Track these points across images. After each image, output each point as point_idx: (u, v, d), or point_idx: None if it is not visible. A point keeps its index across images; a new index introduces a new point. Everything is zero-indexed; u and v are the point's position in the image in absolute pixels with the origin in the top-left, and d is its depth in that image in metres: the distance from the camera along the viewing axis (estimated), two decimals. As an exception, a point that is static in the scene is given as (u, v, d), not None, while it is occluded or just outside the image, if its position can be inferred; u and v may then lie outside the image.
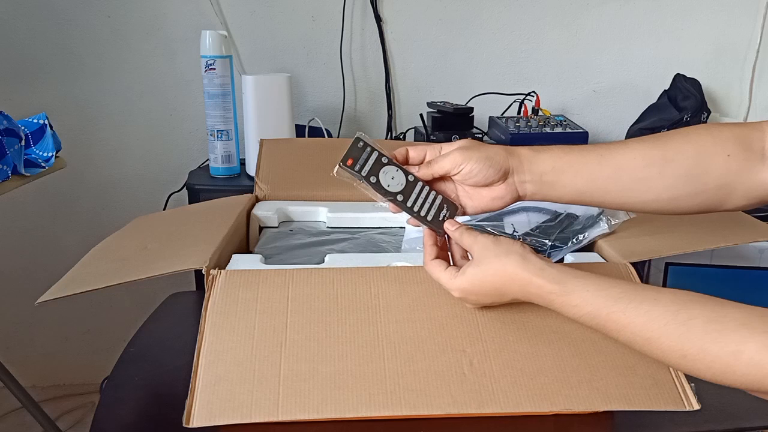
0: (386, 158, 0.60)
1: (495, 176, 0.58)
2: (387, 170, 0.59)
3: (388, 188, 0.59)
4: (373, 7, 1.45)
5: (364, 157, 0.59)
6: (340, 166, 0.59)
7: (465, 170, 0.58)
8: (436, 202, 0.60)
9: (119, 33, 1.44)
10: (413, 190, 0.59)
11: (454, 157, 0.59)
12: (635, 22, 1.51)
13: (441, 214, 0.60)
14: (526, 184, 0.59)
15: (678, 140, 0.58)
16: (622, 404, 0.50)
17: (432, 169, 0.60)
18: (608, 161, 0.58)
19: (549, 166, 0.59)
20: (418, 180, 0.60)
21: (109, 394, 0.59)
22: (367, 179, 0.59)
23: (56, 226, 1.52)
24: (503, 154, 0.59)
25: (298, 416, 0.48)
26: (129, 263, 0.65)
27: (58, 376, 1.62)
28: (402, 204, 0.59)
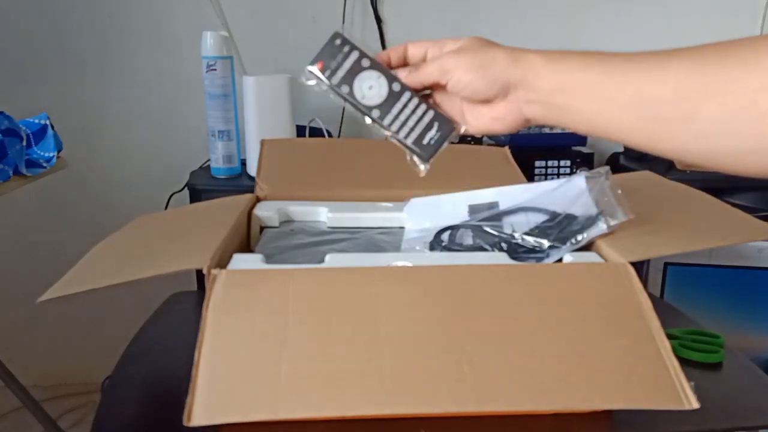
0: (368, 60, 0.48)
1: (489, 91, 0.47)
2: (365, 76, 0.48)
3: (363, 100, 0.48)
4: (374, 8, 1.46)
5: (339, 59, 0.48)
6: (308, 68, 0.48)
7: (453, 80, 0.47)
8: (424, 119, 0.48)
9: (120, 33, 1.44)
10: (395, 103, 0.48)
11: (443, 61, 0.47)
12: (635, 22, 1.51)
13: (428, 136, 0.48)
14: (533, 105, 0.47)
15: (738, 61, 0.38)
16: (622, 403, 0.50)
17: (419, 76, 0.48)
18: (631, 83, 0.43)
19: (558, 83, 0.45)
20: (406, 90, 0.48)
21: (110, 393, 0.59)
22: (337, 87, 0.48)
23: (57, 226, 1.53)
24: (504, 61, 0.46)
25: (298, 414, 0.48)
26: (130, 263, 0.65)
27: (59, 375, 1.62)
28: (378, 121, 0.48)
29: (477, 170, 0.96)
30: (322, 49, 0.48)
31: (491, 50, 0.47)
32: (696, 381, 0.51)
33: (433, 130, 0.49)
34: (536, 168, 1.29)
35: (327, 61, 0.48)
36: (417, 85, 0.49)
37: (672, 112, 0.40)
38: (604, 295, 0.58)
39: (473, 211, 0.78)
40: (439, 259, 0.68)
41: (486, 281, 0.58)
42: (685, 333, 0.67)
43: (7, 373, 1.20)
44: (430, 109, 0.48)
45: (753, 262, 1.11)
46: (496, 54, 0.47)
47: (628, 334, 0.54)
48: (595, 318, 0.56)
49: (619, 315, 0.56)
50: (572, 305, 0.57)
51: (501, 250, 0.69)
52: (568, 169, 1.31)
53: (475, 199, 0.79)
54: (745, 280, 1.20)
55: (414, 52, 0.50)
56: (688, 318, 0.75)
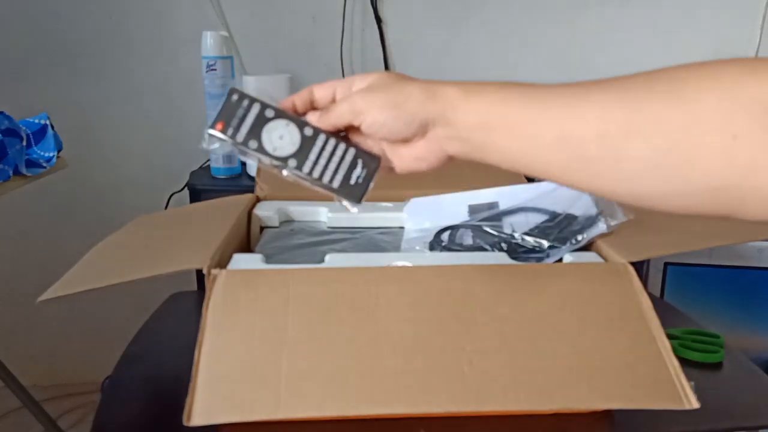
0: (272, 110, 0.45)
1: (407, 130, 0.43)
2: (273, 126, 0.44)
3: (275, 152, 0.44)
4: (374, 8, 1.46)
5: (240, 114, 0.44)
6: (208, 132, 0.44)
7: (367, 121, 0.44)
8: (346, 159, 0.45)
9: (121, 34, 1.44)
10: (312, 147, 0.44)
11: (354, 102, 0.44)
12: (635, 22, 1.51)
13: (353, 175, 0.45)
14: (453, 141, 0.44)
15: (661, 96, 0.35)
16: (622, 402, 0.50)
17: (330, 119, 0.45)
18: (553, 121, 0.39)
19: (477, 118, 0.42)
20: (320, 132, 0.45)
21: (110, 394, 0.59)
22: (244, 144, 0.44)
23: (57, 226, 1.53)
24: (420, 97, 0.43)
25: (298, 414, 0.48)
26: (130, 262, 0.65)
27: (58, 375, 1.62)
28: (296, 171, 0.44)
29: (477, 170, 0.96)
30: (219, 109, 0.44)
31: (404, 86, 0.44)
32: (696, 381, 0.51)
33: (358, 167, 0.45)
34: (536, 168, 1.29)
35: (228, 120, 0.44)
36: (330, 129, 0.46)
37: (596, 151, 0.38)
38: (604, 295, 0.58)
39: (473, 211, 0.78)
40: (439, 259, 0.68)
41: (486, 281, 0.58)
42: (685, 333, 0.67)
43: (7, 373, 1.20)
44: (350, 147, 0.45)
45: (753, 262, 1.11)
46: (410, 89, 0.44)
47: (628, 334, 0.54)
48: (595, 318, 0.56)
49: (619, 315, 0.56)
50: (572, 305, 0.57)
51: (501, 250, 0.69)
52: (568, 169, 1.31)
53: (475, 199, 0.79)
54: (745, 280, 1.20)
55: (321, 95, 0.47)
56: (688, 318, 0.75)
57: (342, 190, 0.46)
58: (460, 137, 0.43)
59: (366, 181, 0.46)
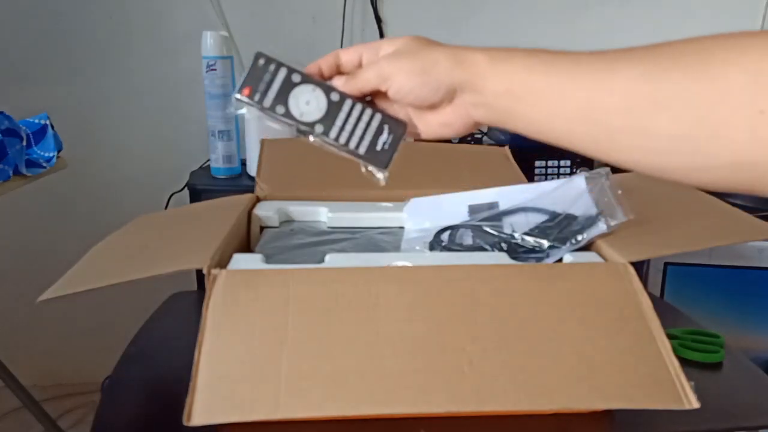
0: (299, 75, 0.45)
1: (434, 97, 0.44)
2: (299, 92, 0.44)
3: (302, 117, 0.44)
4: (374, 8, 1.46)
5: (267, 79, 0.45)
6: (235, 97, 0.44)
7: (394, 87, 0.44)
8: (372, 125, 0.45)
9: (120, 33, 1.44)
10: (338, 113, 0.44)
11: (381, 67, 0.44)
12: (635, 22, 1.51)
13: (380, 141, 0.45)
14: (479, 108, 0.44)
15: (688, 69, 0.35)
16: (622, 402, 0.50)
17: (357, 83, 0.45)
18: (578, 90, 0.40)
19: (503, 85, 0.42)
20: (346, 98, 0.45)
21: (110, 393, 0.59)
22: (272, 110, 0.44)
23: (57, 226, 1.53)
24: (447, 63, 0.43)
25: (298, 414, 0.48)
26: (130, 262, 0.65)
27: (59, 375, 1.62)
28: (323, 137, 0.44)
29: (477, 170, 0.96)
30: (246, 74, 0.45)
31: (432, 52, 0.44)
32: (696, 381, 0.51)
33: (384, 133, 0.45)
34: (536, 168, 1.29)
35: (254, 85, 0.44)
36: (356, 94, 0.45)
37: (622, 123, 0.38)
38: (604, 295, 0.58)
39: (473, 211, 0.78)
40: (439, 259, 0.68)
41: (486, 281, 0.58)
42: (685, 333, 0.67)
43: (7, 373, 1.20)
44: (376, 112, 0.45)
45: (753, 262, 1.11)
46: (438, 56, 0.43)
47: (628, 334, 0.54)
48: (595, 318, 0.56)
49: (619, 315, 0.56)
50: (572, 305, 0.57)
51: (501, 250, 0.69)
52: (569, 169, 1.31)
53: (475, 199, 0.79)
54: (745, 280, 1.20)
55: (347, 59, 0.47)
56: (688, 318, 0.75)
57: (368, 156, 0.45)
58: (486, 104, 0.43)
59: (392, 147, 0.45)
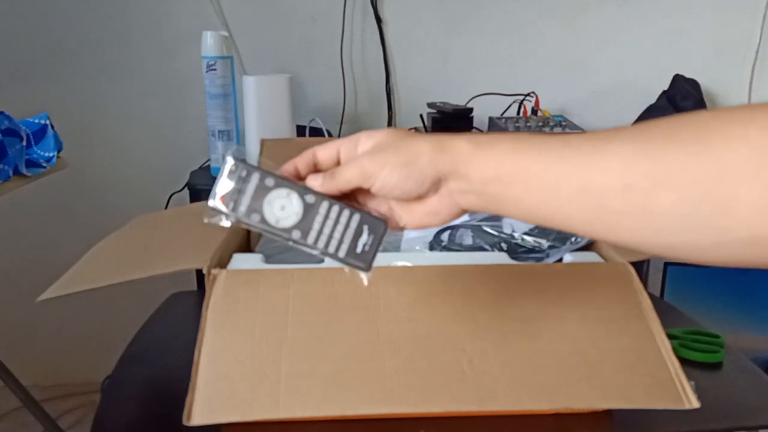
0: (272, 179, 0.43)
1: (420, 189, 0.42)
2: (273, 197, 0.42)
3: (278, 224, 0.42)
4: (374, 8, 1.46)
5: (240, 186, 0.43)
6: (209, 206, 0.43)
7: (378, 184, 0.43)
8: (351, 226, 0.43)
9: (120, 33, 1.44)
10: (315, 216, 0.42)
11: (363, 165, 0.43)
12: (634, 22, 1.51)
13: (360, 243, 0.43)
14: (467, 195, 0.42)
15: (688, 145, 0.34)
16: (622, 402, 0.50)
17: (337, 183, 0.43)
18: (572, 172, 0.38)
19: (491, 171, 0.41)
20: (322, 200, 0.43)
21: (110, 393, 0.59)
22: (246, 218, 0.42)
23: (57, 225, 1.53)
24: (430, 154, 0.42)
25: (298, 414, 0.48)
26: (130, 262, 0.65)
27: (59, 375, 1.62)
28: (301, 242, 0.42)
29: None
30: (218, 181, 0.43)
31: (413, 143, 0.43)
32: (696, 381, 0.51)
33: (364, 234, 0.43)
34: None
35: (227, 192, 0.42)
36: (335, 193, 0.44)
37: (621, 203, 0.36)
38: (604, 295, 0.58)
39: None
40: (439, 259, 0.68)
41: (486, 281, 0.58)
42: (685, 333, 0.67)
43: (7, 373, 1.20)
44: (354, 213, 0.43)
45: (753, 262, 1.11)
46: (420, 147, 0.42)
47: (628, 334, 0.54)
48: (595, 318, 0.55)
49: (619, 315, 0.56)
50: (572, 305, 0.57)
51: (501, 250, 0.69)
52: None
53: (475, 198, 0.79)
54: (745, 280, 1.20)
55: (324, 157, 0.45)
56: (688, 318, 0.75)
57: (349, 259, 0.43)
58: (474, 191, 0.42)
59: (373, 248, 0.44)
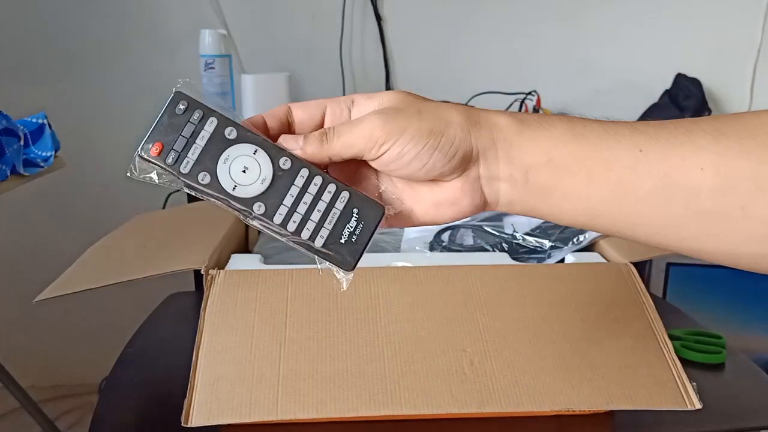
0: (235, 130, 0.32)
1: (444, 166, 0.32)
2: (234, 153, 0.31)
3: (234, 191, 0.32)
4: (373, 6, 1.45)
5: (187, 133, 0.31)
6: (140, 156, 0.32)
7: (390, 154, 0.32)
8: (336, 206, 0.32)
9: (118, 32, 1.44)
10: (288, 188, 0.32)
11: (372, 126, 0.32)
12: (636, 21, 1.51)
13: (346, 230, 0.32)
14: (498, 184, 0.33)
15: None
16: (624, 403, 0.50)
17: (330, 148, 0.32)
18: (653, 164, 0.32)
19: (541, 155, 0.33)
20: (302, 166, 0.32)
21: (108, 395, 0.59)
22: (191, 178, 0.31)
23: (55, 225, 1.52)
24: (462, 124, 0.33)
25: (297, 416, 0.48)
26: (127, 262, 0.65)
27: (57, 376, 1.62)
28: (263, 220, 0.32)
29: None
30: (156, 123, 0.32)
31: (439, 108, 0.33)
32: (698, 382, 0.51)
33: (353, 219, 0.32)
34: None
35: (168, 139, 0.31)
36: (322, 160, 0.33)
37: (715, 205, 0.31)
38: (606, 295, 0.58)
39: (473, 210, 0.77)
40: (439, 260, 0.68)
41: (487, 282, 0.58)
42: (687, 334, 0.66)
43: (5, 374, 1.20)
44: (342, 188, 0.32)
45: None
46: (449, 114, 0.33)
47: (630, 334, 0.54)
48: (597, 319, 0.55)
49: (622, 315, 0.56)
50: (574, 306, 0.56)
51: (502, 251, 0.69)
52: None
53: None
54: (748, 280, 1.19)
55: (303, 117, 0.34)
56: (690, 319, 0.74)
57: (327, 250, 0.32)
58: (510, 178, 0.33)
59: (362, 240, 0.32)
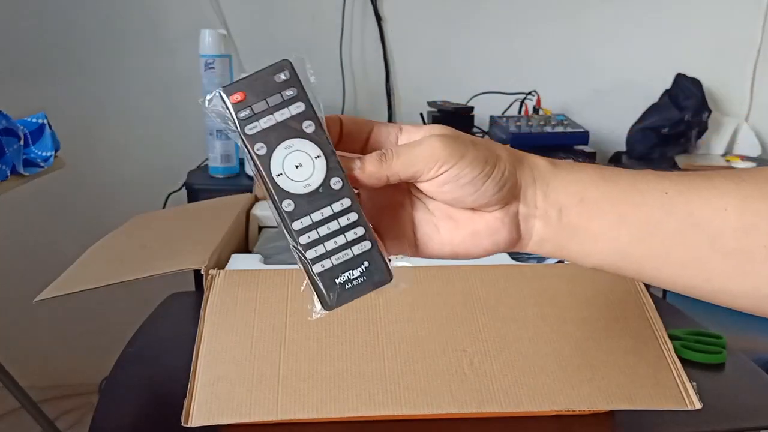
0: (313, 124, 0.32)
1: (493, 194, 0.34)
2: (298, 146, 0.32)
3: (278, 179, 0.32)
4: (374, 6, 1.45)
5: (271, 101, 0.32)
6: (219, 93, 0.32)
7: (447, 175, 0.34)
8: (353, 249, 0.33)
9: (118, 32, 1.44)
10: (324, 206, 0.32)
11: (433, 147, 0.33)
12: (636, 21, 1.51)
13: (346, 274, 0.33)
14: (534, 220, 0.35)
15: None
16: (624, 403, 0.50)
17: (390, 168, 0.34)
18: (678, 205, 0.33)
19: (574, 195, 0.34)
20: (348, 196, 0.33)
21: (108, 395, 0.59)
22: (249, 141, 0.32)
23: (55, 225, 1.52)
24: (509, 159, 0.35)
25: (297, 416, 0.48)
26: (127, 262, 0.65)
27: (56, 376, 1.62)
28: (285, 218, 0.33)
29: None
30: (250, 76, 0.32)
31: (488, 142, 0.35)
32: (698, 382, 0.50)
33: (359, 269, 0.33)
34: (537, 167, 1.29)
35: (252, 95, 0.32)
36: (379, 182, 0.34)
37: (738, 243, 0.32)
38: (606, 295, 0.57)
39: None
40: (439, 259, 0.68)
41: (487, 281, 0.58)
42: (687, 334, 0.66)
43: (5, 374, 1.20)
44: (367, 239, 0.33)
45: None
46: (497, 148, 0.35)
47: (630, 334, 0.54)
48: (597, 319, 0.55)
49: (622, 316, 0.56)
50: (574, 306, 0.56)
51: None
52: (569, 168, 1.30)
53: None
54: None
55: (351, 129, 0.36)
56: (691, 319, 0.74)
57: (319, 281, 0.32)
58: (544, 216, 0.35)
59: (355, 292, 0.33)
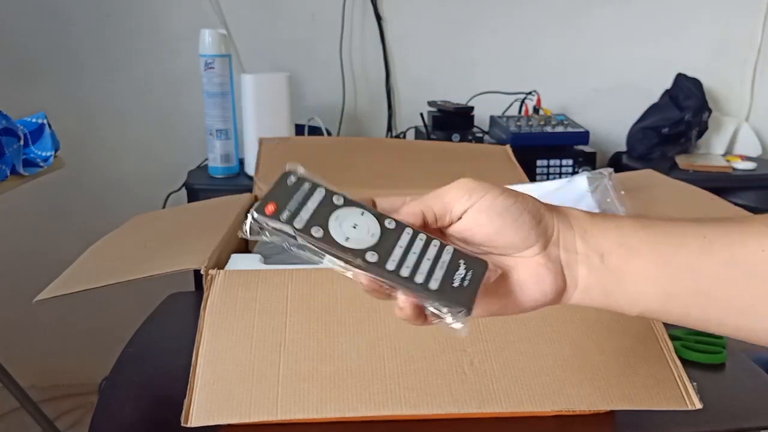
0: (341, 197, 0.37)
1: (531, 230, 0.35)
2: (344, 214, 0.36)
3: (347, 243, 0.35)
4: (374, 6, 1.45)
5: (298, 198, 0.36)
6: (253, 217, 0.35)
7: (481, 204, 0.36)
8: (443, 258, 0.35)
9: (118, 32, 1.44)
10: (397, 241, 0.35)
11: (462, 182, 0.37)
12: (637, 21, 1.51)
13: (457, 276, 0.35)
14: (577, 266, 0.36)
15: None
16: (624, 403, 0.50)
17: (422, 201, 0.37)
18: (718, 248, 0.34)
19: (613, 240, 0.35)
20: (405, 226, 0.36)
21: (108, 395, 0.59)
22: (305, 232, 0.35)
23: (55, 225, 1.52)
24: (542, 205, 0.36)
25: (297, 416, 0.47)
26: (127, 262, 0.65)
27: (56, 376, 1.62)
28: (377, 268, 0.35)
29: (478, 169, 0.95)
30: (269, 191, 0.36)
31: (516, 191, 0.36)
32: (698, 382, 0.50)
33: (461, 268, 0.35)
34: (538, 167, 1.29)
35: (282, 201, 0.35)
36: (414, 215, 0.36)
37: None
38: (606, 295, 0.57)
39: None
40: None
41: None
42: (687, 334, 0.66)
43: (4, 374, 1.20)
44: (445, 245, 0.35)
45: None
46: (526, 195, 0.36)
47: (630, 334, 0.54)
48: (597, 319, 0.55)
49: (622, 315, 0.55)
50: (574, 306, 0.56)
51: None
52: (571, 168, 1.30)
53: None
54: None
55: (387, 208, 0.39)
56: (690, 318, 0.74)
57: (441, 294, 0.34)
58: (588, 260, 0.35)
59: (474, 284, 0.35)
